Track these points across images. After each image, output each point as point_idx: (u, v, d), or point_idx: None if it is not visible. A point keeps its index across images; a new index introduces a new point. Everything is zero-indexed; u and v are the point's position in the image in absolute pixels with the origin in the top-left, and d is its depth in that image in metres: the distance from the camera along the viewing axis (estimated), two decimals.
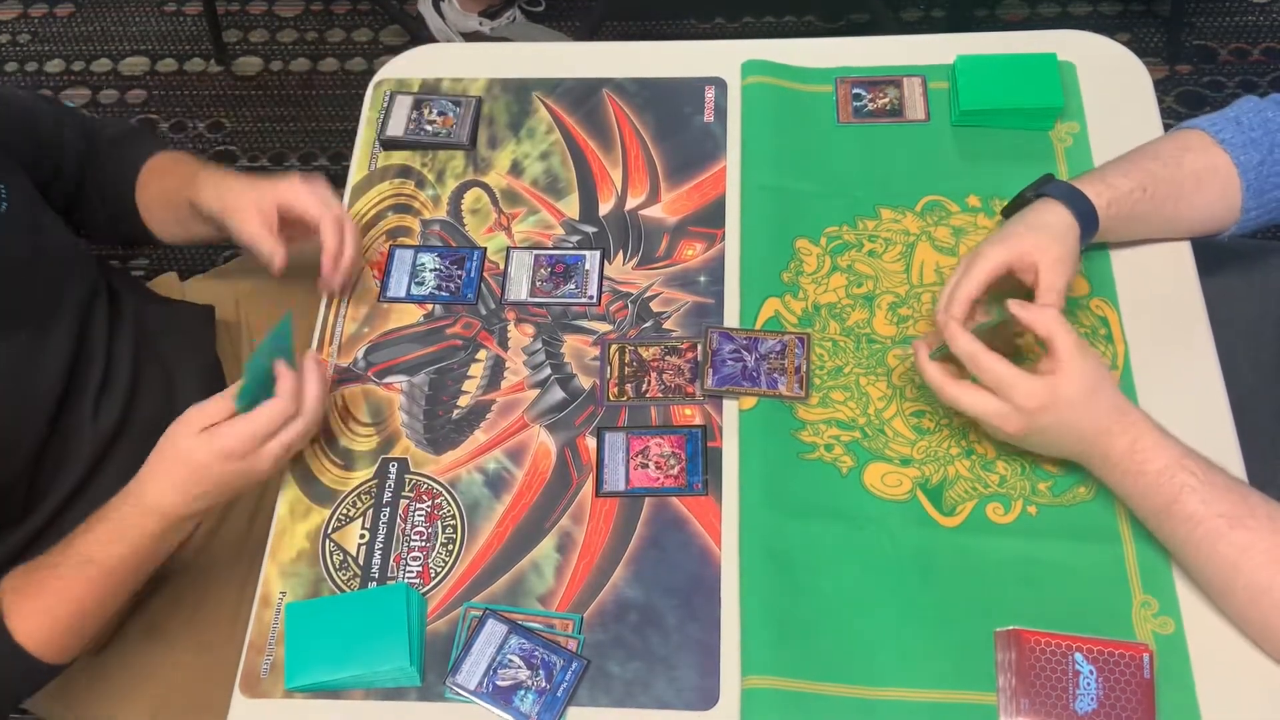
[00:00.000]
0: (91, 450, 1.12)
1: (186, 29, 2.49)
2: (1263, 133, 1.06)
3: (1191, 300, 1.11)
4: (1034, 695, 0.90)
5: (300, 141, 2.32)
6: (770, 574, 0.99)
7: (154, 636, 1.17)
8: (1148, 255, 1.13)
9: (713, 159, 1.26)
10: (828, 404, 1.08)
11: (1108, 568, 0.98)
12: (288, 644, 0.98)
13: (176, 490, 0.98)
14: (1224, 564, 0.90)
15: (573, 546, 1.03)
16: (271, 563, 1.05)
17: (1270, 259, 1.25)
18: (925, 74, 1.28)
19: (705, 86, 1.31)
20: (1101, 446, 0.94)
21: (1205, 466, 0.92)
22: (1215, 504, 0.89)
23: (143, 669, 1.16)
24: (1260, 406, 1.13)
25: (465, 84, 1.34)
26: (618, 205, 1.24)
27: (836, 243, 1.18)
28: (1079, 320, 1.10)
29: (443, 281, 1.20)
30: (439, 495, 1.07)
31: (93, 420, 1.12)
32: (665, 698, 0.96)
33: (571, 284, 1.18)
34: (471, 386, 1.13)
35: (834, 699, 0.94)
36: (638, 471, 1.06)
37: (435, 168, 1.28)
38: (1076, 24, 1.86)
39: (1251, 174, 1.06)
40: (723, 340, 1.11)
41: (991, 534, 1.00)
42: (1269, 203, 1.07)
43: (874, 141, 1.24)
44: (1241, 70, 2.24)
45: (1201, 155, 1.07)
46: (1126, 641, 0.92)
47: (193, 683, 1.15)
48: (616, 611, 1.00)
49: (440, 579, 1.02)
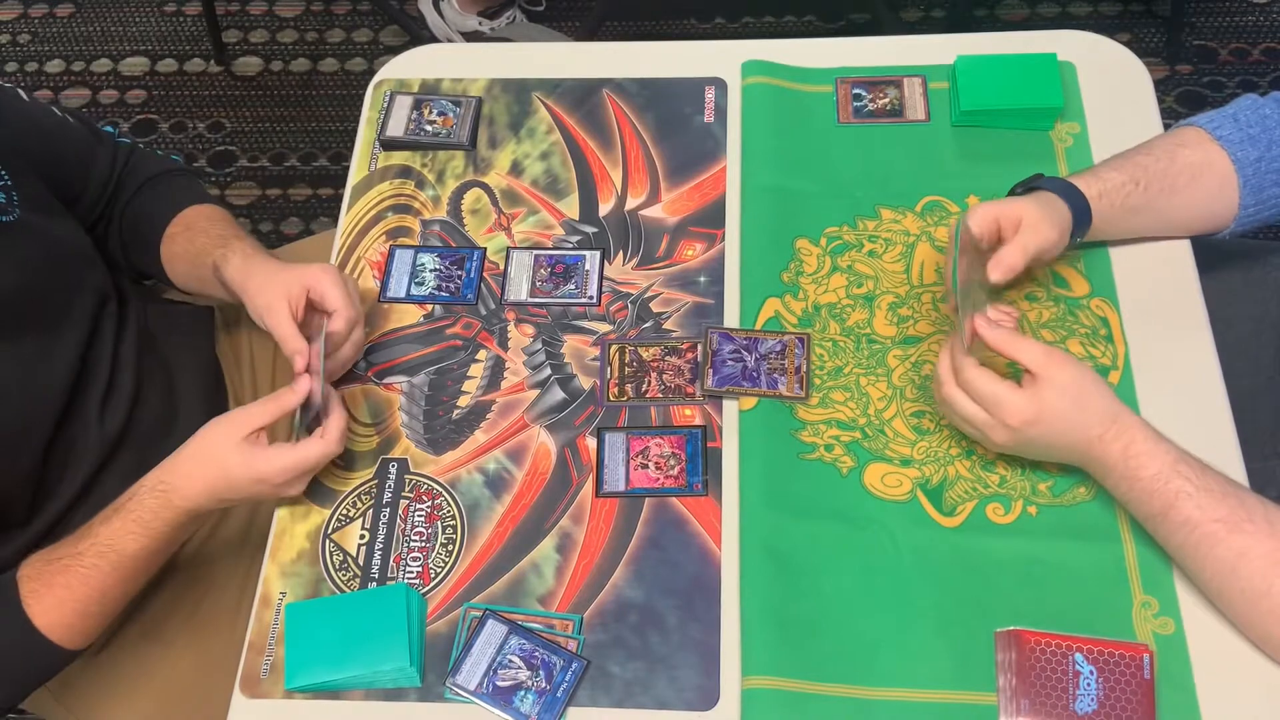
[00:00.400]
0: (97, 454, 1.12)
1: (186, 29, 2.49)
2: (1260, 129, 1.06)
3: (1191, 300, 1.11)
4: (1034, 696, 0.90)
5: (300, 142, 2.32)
6: (770, 574, 0.99)
7: (154, 636, 1.17)
8: (1148, 255, 1.13)
9: (713, 159, 1.26)
10: (828, 404, 1.08)
11: (1108, 568, 0.98)
12: (288, 644, 0.98)
13: (207, 493, 0.99)
14: (1221, 569, 0.90)
15: (573, 547, 1.03)
16: (271, 563, 1.05)
17: (1270, 258, 1.24)
18: (925, 74, 1.28)
19: (705, 86, 1.31)
20: (1096, 453, 0.94)
21: (1200, 470, 0.91)
22: (1211, 509, 0.89)
23: (143, 669, 1.16)
24: (1260, 406, 1.13)
25: (465, 84, 1.34)
26: (618, 205, 1.24)
27: (837, 243, 1.18)
28: (1079, 320, 1.10)
29: (443, 282, 1.20)
30: (439, 495, 1.07)
31: (99, 423, 1.12)
32: (665, 698, 0.96)
33: (571, 284, 1.18)
34: (471, 387, 1.13)
35: (834, 699, 0.93)
36: (638, 472, 1.06)
37: (435, 168, 1.28)
38: (1076, 24, 1.86)
39: (1249, 170, 1.06)
40: (723, 340, 1.11)
41: (992, 534, 1.00)
42: (1267, 200, 1.07)
43: (874, 142, 1.24)
44: (1241, 70, 2.24)
45: (1197, 150, 1.07)
46: (1127, 642, 0.92)
47: (193, 683, 1.14)
48: (616, 612, 1.00)
49: (440, 579, 1.02)
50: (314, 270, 1.08)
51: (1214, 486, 0.90)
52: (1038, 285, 1.13)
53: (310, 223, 2.22)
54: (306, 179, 2.27)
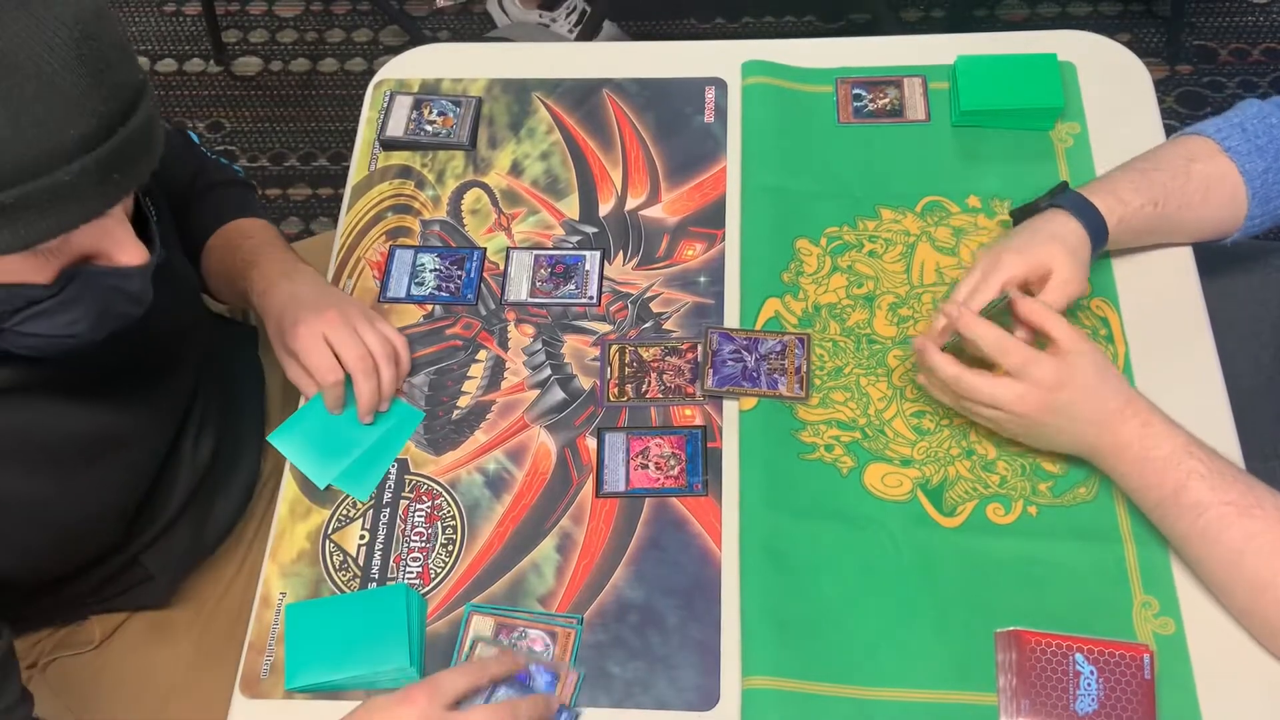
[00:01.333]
0: (188, 483, 1.11)
1: (186, 29, 2.49)
2: (1268, 140, 1.06)
3: (1192, 301, 1.11)
4: (1034, 696, 0.90)
5: (300, 142, 2.32)
6: (770, 574, 0.99)
7: (154, 636, 1.17)
8: (1148, 257, 1.13)
9: (713, 159, 1.26)
10: (828, 404, 1.08)
11: (1108, 568, 0.98)
12: (288, 644, 0.98)
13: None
14: (1228, 554, 0.90)
15: (573, 547, 1.03)
16: (271, 563, 1.05)
17: (1271, 260, 1.25)
18: (925, 74, 1.28)
19: (705, 86, 1.31)
20: (1112, 428, 0.94)
21: (1211, 454, 0.92)
22: (1223, 491, 0.90)
23: (143, 669, 1.16)
24: (1260, 406, 1.13)
25: (465, 84, 1.34)
26: (618, 205, 1.24)
27: (837, 243, 1.18)
28: (1079, 320, 1.10)
29: (443, 282, 1.20)
30: (439, 496, 1.07)
31: (193, 454, 1.11)
32: (665, 698, 0.96)
33: (571, 284, 1.18)
34: (471, 387, 1.13)
35: (834, 699, 0.93)
36: (638, 472, 1.06)
37: (435, 168, 1.28)
38: (1076, 24, 1.86)
39: (1257, 181, 1.06)
40: (723, 340, 1.11)
41: (992, 534, 1.00)
42: (1273, 210, 1.07)
43: (874, 142, 1.24)
44: (1241, 70, 2.24)
45: (1208, 164, 1.07)
46: (1127, 642, 0.92)
47: (193, 683, 1.14)
48: (617, 612, 1.00)
49: (440, 580, 1.02)
50: (334, 330, 1.06)
51: (1225, 470, 0.91)
52: None
53: (310, 223, 2.22)
54: (306, 179, 2.27)
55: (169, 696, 1.15)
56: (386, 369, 1.07)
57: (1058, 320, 0.97)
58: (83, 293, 0.83)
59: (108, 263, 0.83)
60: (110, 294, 0.85)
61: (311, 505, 1.07)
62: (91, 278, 0.83)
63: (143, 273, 0.85)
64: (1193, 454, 0.92)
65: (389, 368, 1.08)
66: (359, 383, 1.06)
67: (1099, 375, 0.95)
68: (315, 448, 1.09)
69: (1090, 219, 1.04)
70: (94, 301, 0.85)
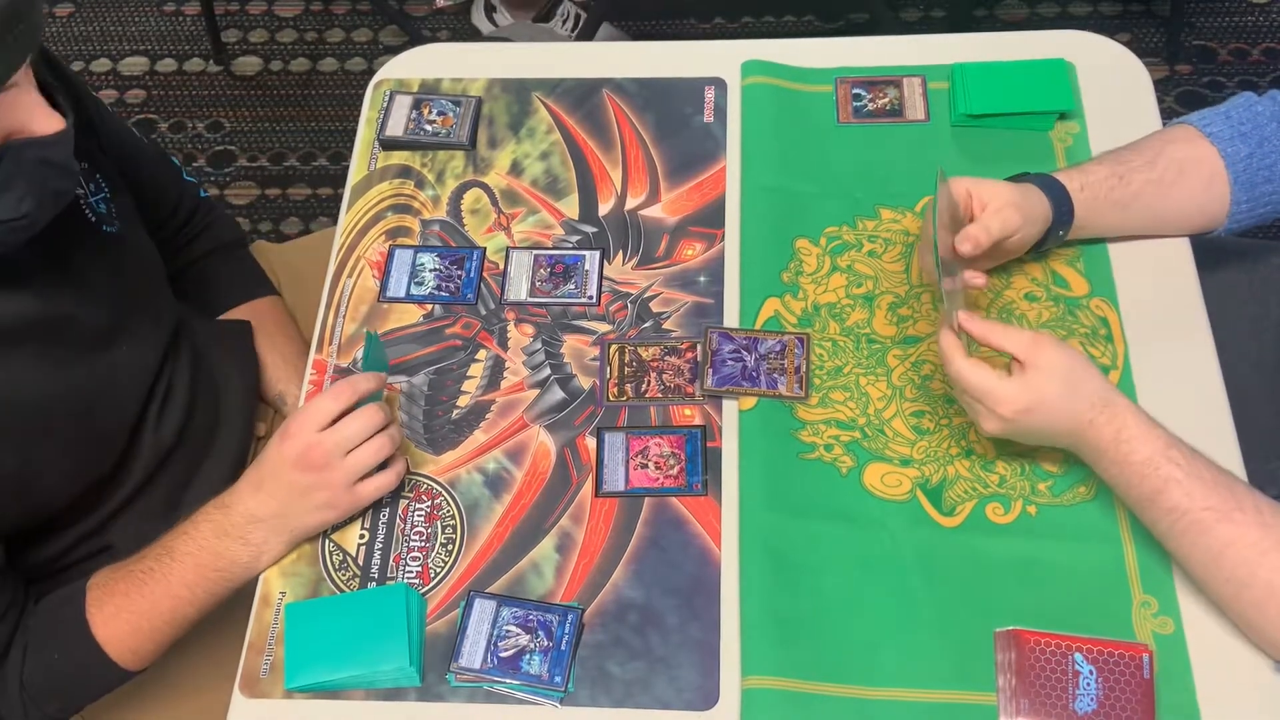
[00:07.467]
0: (149, 461, 1.13)
1: (186, 29, 2.49)
2: (1252, 126, 1.06)
3: (1191, 300, 1.11)
4: (1034, 695, 0.90)
5: (300, 141, 2.31)
6: (770, 574, 0.99)
7: None
8: (1147, 255, 1.13)
9: (713, 159, 1.26)
10: (827, 404, 1.08)
11: (1107, 568, 0.98)
12: (287, 644, 0.98)
13: (250, 486, 1.00)
14: (1207, 557, 0.90)
15: (572, 546, 1.03)
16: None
17: (1270, 258, 1.25)
18: (925, 74, 1.28)
19: (705, 86, 1.31)
20: (1089, 437, 0.93)
21: (1191, 457, 0.91)
22: (1200, 497, 0.89)
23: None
24: (1260, 406, 1.13)
25: (465, 84, 1.34)
26: (617, 205, 1.24)
27: (836, 243, 1.18)
28: (1079, 320, 1.10)
29: (442, 281, 1.20)
30: (438, 495, 1.07)
31: (155, 431, 1.13)
32: (665, 698, 0.96)
33: (571, 284, 1.18)
34: (471, 386, 1.13)
35: (834, 699, 0.94)
36: (637, 472, 1.06)
37: (435, 168, 1.28)
38: (1076, 24, 1.86)
39: (1240, 166, 1.06)
40: (722, 340, 1.11)
41: (991, 534, 1.00)
42: (1260, 196, 1.07)
43: (874, 141, 1.24)
44: (1241, 70, 2.24)
45: (1185, 146, 1.07)
46: (1126, 642, 0.92)
47: (193, 683, 1.14)
48: (616, 611, 1.00)
49: (440, 579, 1.02)
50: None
51: (1204, 474, 0.90)
52: (1037, 285, 1.13)
53: (309, 222, 2.22)
54: (306, 179, 2.27)
55: (168, 696, 1.15)
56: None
57: (1013, 334, 0.94)
58: (15, 171, 0.88)
59: (29, 134, 0.88)
60: (39, 168, 0.90)
61: None
62: (17, 152, 0.88)
63: (63, 140, 0.90)
64: (1171, 459, 0.90)
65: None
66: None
67: (1066, 385, 0.92)
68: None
69: (1050, 186, 1.05)
70: (29, 179, 0.89)
